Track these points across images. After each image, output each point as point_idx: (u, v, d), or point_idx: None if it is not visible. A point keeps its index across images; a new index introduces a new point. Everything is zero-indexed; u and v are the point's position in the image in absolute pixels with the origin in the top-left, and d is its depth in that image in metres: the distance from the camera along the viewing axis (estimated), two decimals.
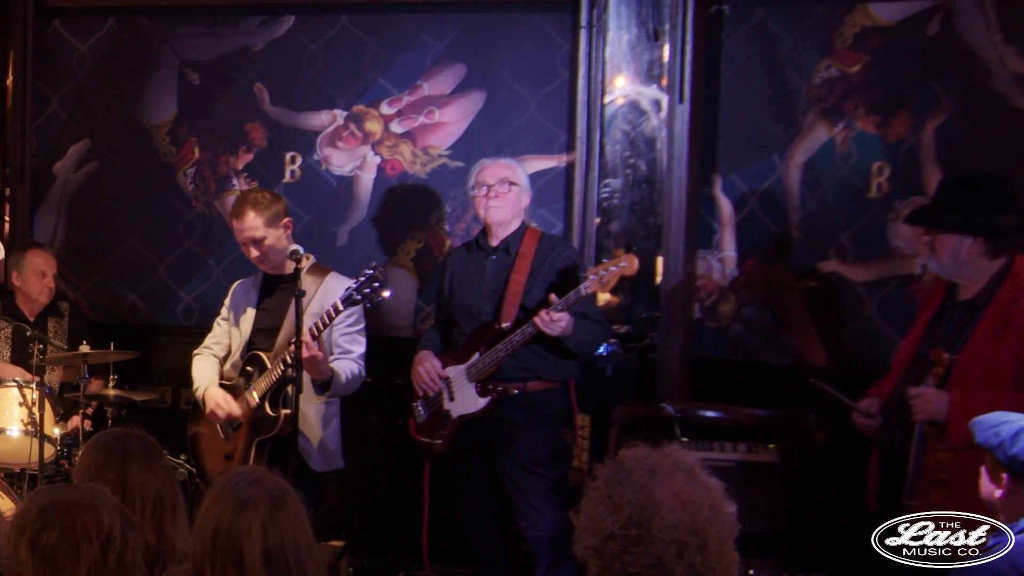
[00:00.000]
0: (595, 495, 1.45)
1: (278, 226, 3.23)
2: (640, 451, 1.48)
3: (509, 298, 3.20)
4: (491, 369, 3.18)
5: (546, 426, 3.26)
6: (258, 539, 1.73)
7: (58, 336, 3.97)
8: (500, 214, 3.21)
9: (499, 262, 3.24)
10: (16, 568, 1.72)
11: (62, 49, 4.08)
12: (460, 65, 3.84)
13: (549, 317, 3.03)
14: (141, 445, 2.21)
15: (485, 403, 3.21)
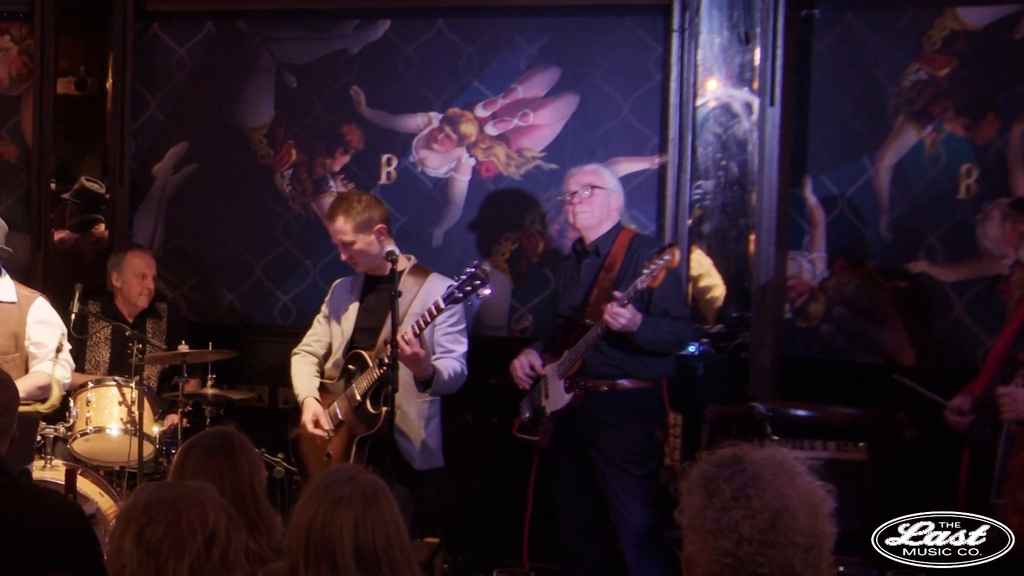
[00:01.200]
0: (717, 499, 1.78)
1: (369, 232, 4.10)
2: (758, 452, 1.83)
3: (596, 296, 4.12)
4: (576, 365, 4.10)
5: (636, 424, 4.13)
6: (350, 537, 2.12)
7: (156, 336, 4.99)
8: (586, 218, 4.15)
9: (591, 264, 4.20)
10: (120, 560, 2.10)
11: (161, 52, 5.24)
12: (554, 68, 4.92)
13: (611, 311, 3.86)
14: (232, 444, 2.79)
15: (570, 399, 4.11)
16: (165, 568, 2.07)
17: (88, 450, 4.70)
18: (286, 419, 4.48)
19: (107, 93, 5.24)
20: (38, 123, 5.25)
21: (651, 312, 4.02)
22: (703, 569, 1.84)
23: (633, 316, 3.93)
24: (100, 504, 4.61)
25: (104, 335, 5.04)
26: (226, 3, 5.23)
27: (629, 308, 3.90)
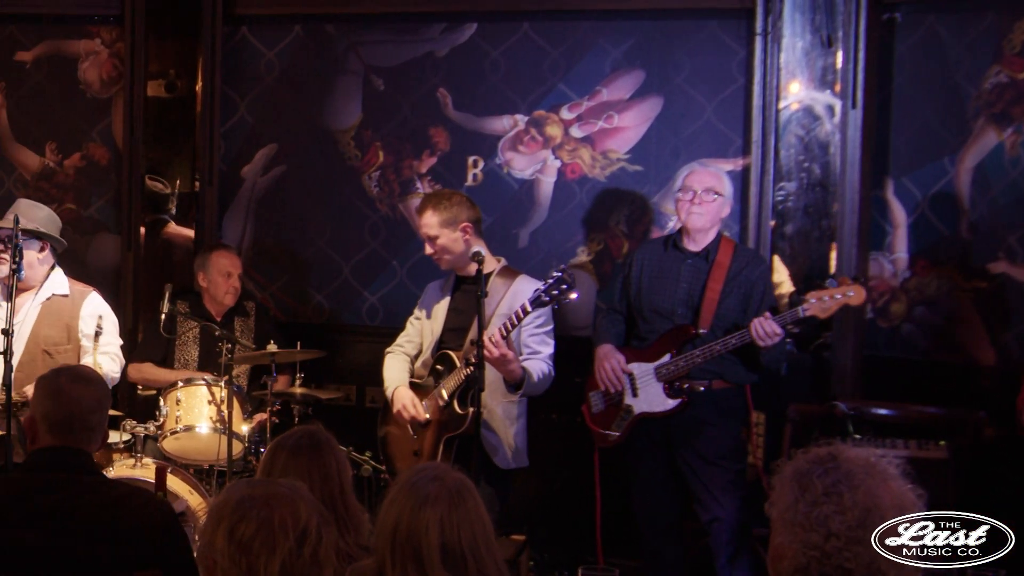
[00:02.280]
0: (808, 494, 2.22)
1: (454, 229, 5.25)
2: (852, 452, 2.28)
3: (706, 305, 5.12)
4: (683, 372, 5.06)
5: (726, 422, 5.17)
6: (436, 535, 2.59)
7: (244, 335, 6.23)
8: (701, 221, 5.18)
9: (695, 267, 5.19)
10: (212, 556, 2.56)
11: (250, 55, 6.60)
12: (638, 71, 6.19)
13: (769, 327, 4.85)
14: (318, 442, 3.52)
15: (674, 404, 5.11)
16: (257, 565, 2.53)
17: (178, 448, 5.83)
18: (374, 418, 5.74)
19: (197, 96, 6.60)
20: (128, 125, 6.59)
21: None
22: (790, 562, 2.23)
23: (781, 337, 4.96)
24: (190, 502, 5.64)
25: (193, 334, 6.29)
26: (314, 6, 6.55)
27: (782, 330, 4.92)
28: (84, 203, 6.69)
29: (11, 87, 6.74)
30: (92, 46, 6.69)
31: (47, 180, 6.72)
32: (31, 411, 3.74)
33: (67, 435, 3.60)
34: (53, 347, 5.52)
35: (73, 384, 3.66)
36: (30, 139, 6.75)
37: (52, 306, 5.53)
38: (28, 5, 6.71)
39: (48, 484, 3.56)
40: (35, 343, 5.51)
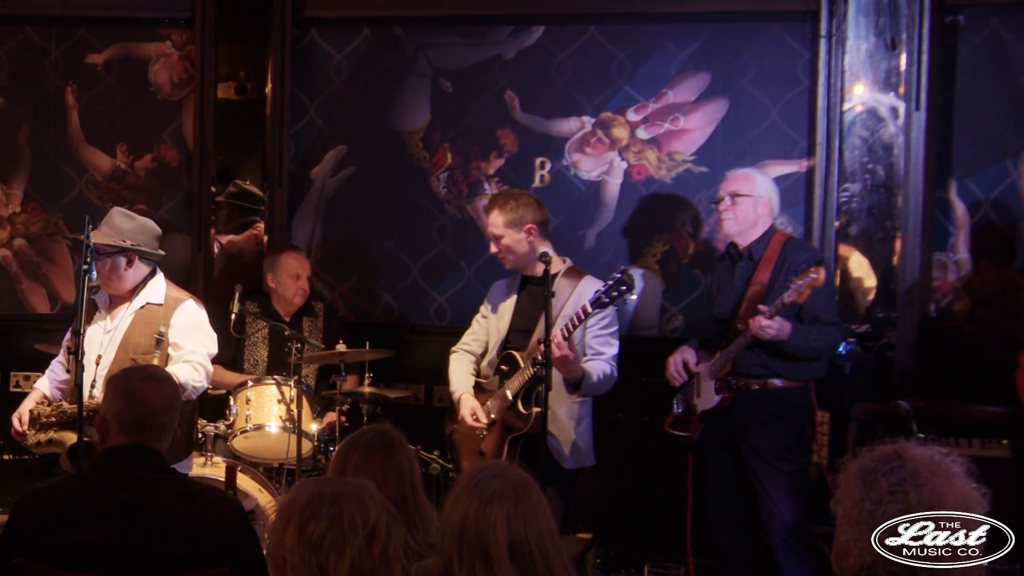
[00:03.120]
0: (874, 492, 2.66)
1: (519, 229, 6.34)
2: (918, 450, 2.69)
3: (748, 300, 6.12)
4: (726, 367, 6.08)
5: (786, 421, 6.11)
6: (503, 532, 3.07)
7: (313, 335, 7.45)
8: (730, 226, 6.23)
9: (744, 268, 6.23)
10: (281, 554, 3.01)
11: (319, 58, 7.89)
12: (704, 73, 7.41)
13: (756, 322, 5.80)
14: (389, 441, 4.13)
15: (719, 400, 6.11)
16: (326, 563, 2.95)
17: (248, 447, 6.89)
18: (442, 417, 6.84)
19: (266, 98, 7.89)
20: (199, 127, 7.85)
21: (802, 317, 6.00)
22: (855, 559, 2.57)
23: (781, 327, 5.89)
24: (259, 500, 6.67)
25: (262, 335, 7.50)
26: (383, 9, 7.82)
27: (776, 320, 5.84)
28: (155, 204, 7.96)
29: (82, 89, 8.01)
30: (163, 48, 7.97)
31: (118, 181, 7.99)
32: (102, 410, 4.32)
33: (137, 434, 4.16)
34: (141, 355, 6.34)
35: (144, 383, 4.25)
36: (101, 141, 8.02)
37: (145, 315, 6.42)
38: (99, 8, 7.99)
39: (119, 482, 4.08)
40: (124, 351, 6.37)
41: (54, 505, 4.15)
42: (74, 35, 7.94)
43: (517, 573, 3.22)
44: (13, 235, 7.96)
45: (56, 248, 7.96)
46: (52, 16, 7.92)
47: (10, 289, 7.99)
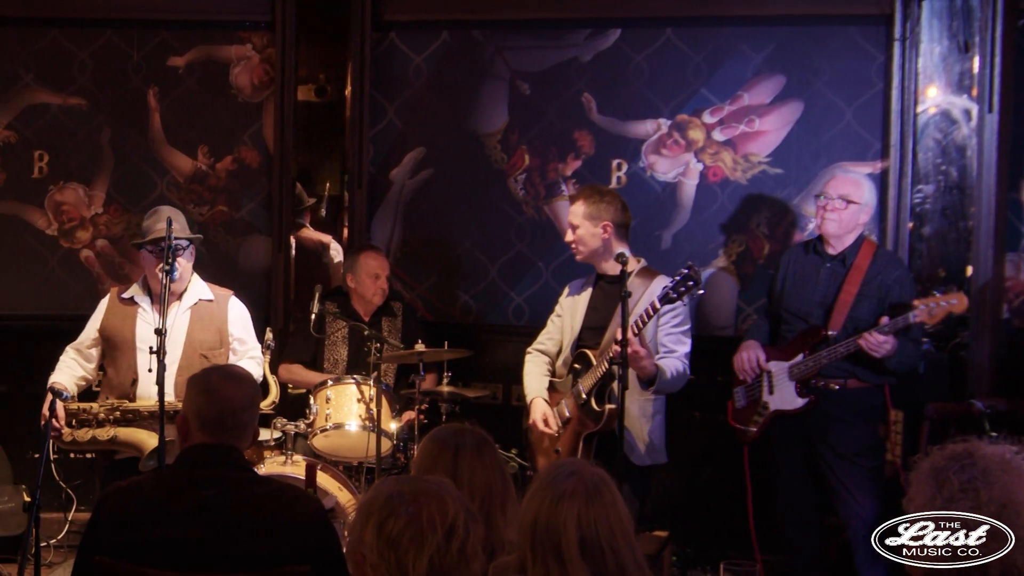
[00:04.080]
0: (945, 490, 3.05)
1: (595, 224, 7.38)
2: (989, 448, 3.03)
3: (839, 307, 7.12)
4: (812, 372, 7.07)
5: (863, 420, 7.17)
6: (573, 529, 3.63)
7: (391, 334, 8.78)
8: (831, 228, 7.26)
9: (832, 271, 7.25)
10: (360, 551, 3.53)
11: (398, 61, 9.37)
12: (779, 76, 8.80)
13: (875, 339, 6.77)
14: (474, 440, 4.77)
15: (803, 403, 7.13)
16: (405, 560, 3.44)
17: (327, 446, 8.00)
18: (519, 415, 8.07)
19: (346, 100, 9.38)
20: (279, 129, 9.33)
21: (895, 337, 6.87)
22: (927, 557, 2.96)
23: (893, 346, 6.83)
24: (339, 498, 7.66)
25: (342, 334, 8.77)
26: (461, 13, 9.27)
27: (890, 338, 6.80)
28: (235, 205, 9.43)
29: (164, 92, 9.47)
30: (243, 51, 9.43)
31: (199, 183, 9.46)
32: (183, 409, 4.89)
33: (219, 432, 4.73)
34: (209, 351, 7.68)
35: (225, 382, 4.84)
36: (183, 142, 9.49)
37: (201, 311, 7.74)
38: (181, 11, 9.46)
39: (200, 480, 4.63)
40: (191, 348, 7.66)
41: (136, 503, 4.67)
42: (156, 38, 9.37)
43: (588, 570, 3.71)
44: (95, 236, 9.42)
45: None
46: (134, 19, 9.35)
47: (92, 289, 9.36)
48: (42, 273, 9.47)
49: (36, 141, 9.40)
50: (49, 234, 9.43)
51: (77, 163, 9.46)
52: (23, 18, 9.41)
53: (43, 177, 9.43)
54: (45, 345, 9.25)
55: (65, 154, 9.46)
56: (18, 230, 9.46)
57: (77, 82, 9.39)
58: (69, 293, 9.48)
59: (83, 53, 9.37)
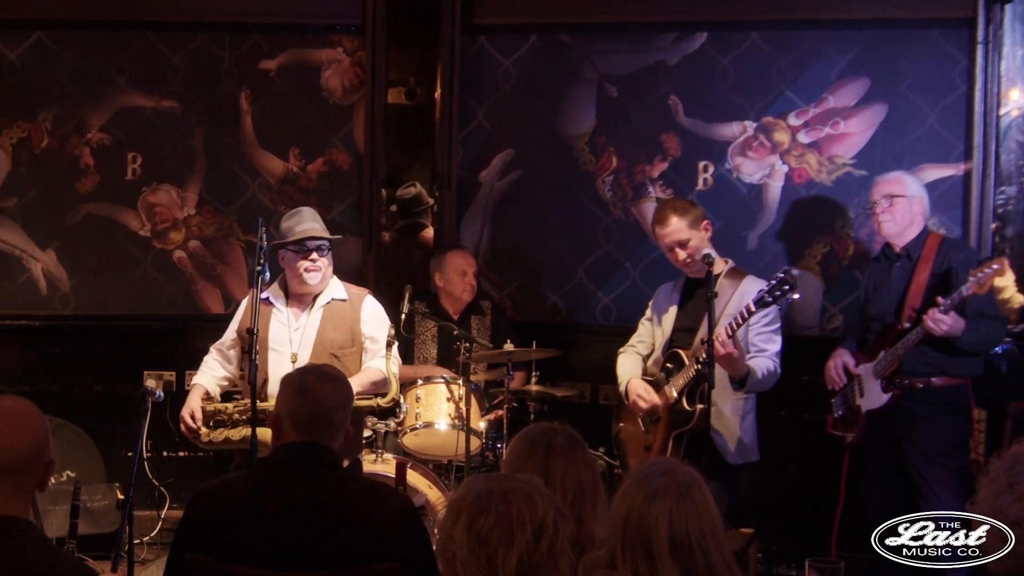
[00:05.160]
0: (994, 486, 3.58)
1: (699, 228, 8.62)
2: None
3: (909, 300, 8.23)
4: (893, 366, 8.18)
5: (948, 419, 8.19)
6: (664, 528, 4.22)
7: (481, 334, 10.34)
8: (889, 227, 8.47)
9: (902, 268, 8.42)
10: (450, 548, 4.11)
11: (487, 64, 11.08)
12: (863, 79, 10.41)
13: (933, 317, 7.75)
14: (565, 439, 5.52)
15: (888, 398, 8.20)
16: (495, 557, 3.99)
17: (417, 444, 9.27)
18: (607, 415, 9.53)
19: (436, 103, 11.03)
20: (369, 132, 11.01)
21: (966, 312, 7.86)
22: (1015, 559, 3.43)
23: (955, 322, 7.74)
24: (429, 496, 8.69)
25: (431, 333, 10.28)
26: (550, 16, 10.90)
27: (951, 314, 7.71)
28: (326, 207, 11.01)
29: (256, 94, 11.15)
30: (334, 55, 11.14)
31: (291, 184, 11.14)
32: (276, 408, 5.52)
33: (311, 431, 5.35)
34: (339, 350, 8.65)
35: (319, 382, 5.47)
36: (274, 145, 11.15)
37: (333, 310, 8.75)
38: (272, 15, 11.11)
39: (292, 478, 5.22)
40: (322, 347, 8.64)
41: (227, 501, 5.25)
42: (248, 41, 11.03)
43: (678, 568, 4.23)
44: (188, 237, 11.09)
45: (230, 249, 11.10)
46: (226, 23, 11.00)
47: (185, 290, 11.06)
48: (135, 274, 11.09)
49: (130, 143, 11.07)
50: (142, 235, 11.09)
51: (170, 165, 11.12)
52: (117, 21, 11.02)
53: (136, 179, 11.08)
54: (138, 345, 11.13)
55: (158, 156, 11.11)
56: (112, 231, 11.11)
57: (170, 85, 11.05)
58: (162, 294, 11.08)
59: (176, 56, 11.02)
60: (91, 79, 11.13)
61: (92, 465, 10.79)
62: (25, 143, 11.09)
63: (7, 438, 4.55)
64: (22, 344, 11.30)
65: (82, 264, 11.22)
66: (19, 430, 4.59)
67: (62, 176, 11.15)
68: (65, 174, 11.15)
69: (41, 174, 11.16)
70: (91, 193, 11.13)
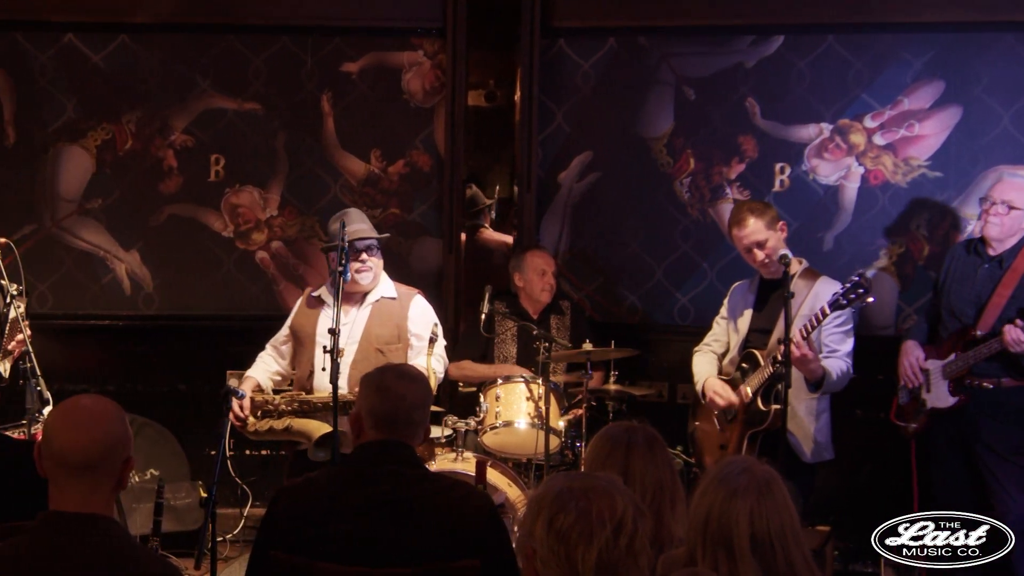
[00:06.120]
0: None
1: (776, 228, 9.64)
2: None
3: (991, 308, 9.18)
4: (963, 371, 9.21)
5: (1017, 418, 9.15)
6: (745, 525, 4.74)
7: (560, 333, 11.42)
8: (993, 231, 9.33)
9: (990, 271, 9.29)
10: (530, 545, 4.50)
11: (566, 66, 12.24)
12: (938, 81, 11.59)
13: (1015, 338, 8.70)
14: (645, 438, 6.15)
15: (954, 402, 9.29)
16: (574, 555, 4.37)
17: (497, 443, 10.19)
18: (684, 413, 10.62)
19: (515, 105, 12.28)
20: (450, 134, 12.19)
21: None
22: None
23: None
24: (508, 494, 9.61)
25: (511, 333, 11.28)
26: (628, 20, 12.06)
27: None
28: (407, 208, 12.29)
29: (337, 97, 12.31)
30: (415, 57, 12.32)
31: (372, 186, 12.33)
32: (357, 407, 6.00)
33: (391, 430, 5.82)
34: (385, 346, 9.63)
35: (398, 381, 5.94)
36: (356, 146, 12.32)
37: (381, 308, 9.76)
38: (354, 18, 12.27)
39: (373, 476, 5.67)
40: (368, 342, 9.64)
41: (310, 499, 5.72)
42: (329, 44, 12.19)
43: (758, 565, 4.66)
44: (270, 238, 12.28)
45: (312, 250, 12.19)
46: (308, 26, 12.12)
47: (267, 290, 12.22)
48: (218, 274, 12.32)
49: (213, 145, 12.29)
50: (225, 236, 12.31)
51: (252, 167, 12.30)
52: (200, 24, 12.22)
53: (219, 180, 12.30)
54: (221, 345, 12.27)
55: (241, 158, 12.30)
56: (195, 232, 12.31)
57: (252, 87, 12.23)
58: (244, 294, 12.28)
59: (258, 59, 12.21)
60: (174, 82, 12.28)
61: (176, 464, 11.90)
62: (109, 145, 12.26)
63: (82, 437, 4.97)
64: (106, 344, 12.50)
65: (165, 264, 12.39)
66: (92, 429, 4.99)
67: (146, 178, 12.30)
68: (149, 176, 12.30)
69: (125, 176, 12.31)
70: (174, 194, 12.29)
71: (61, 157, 12.46)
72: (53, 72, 12.42)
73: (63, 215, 12.47)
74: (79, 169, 12.49)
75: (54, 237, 12.49)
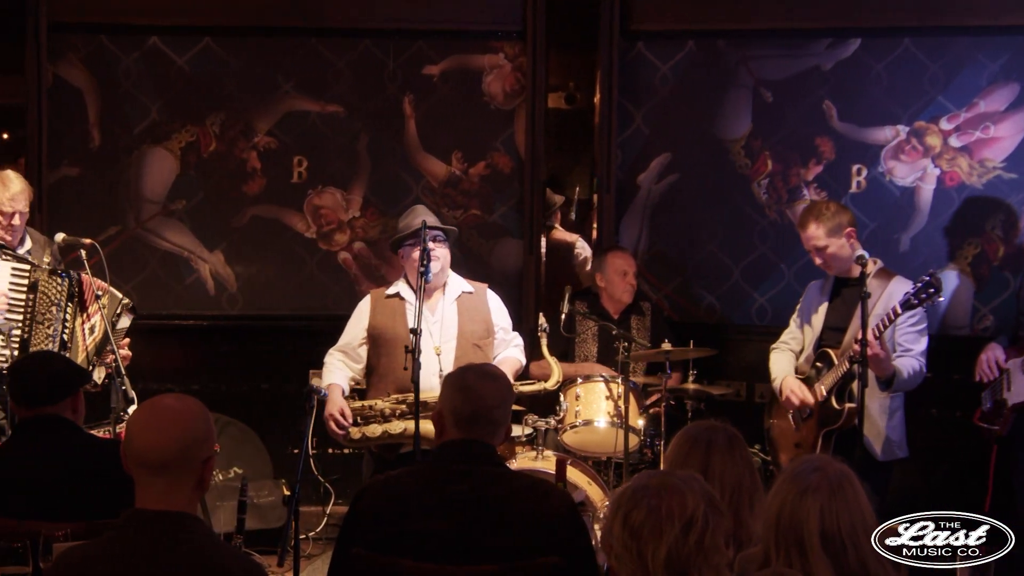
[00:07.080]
0: None
1: (840, 235, 10.59)
2: None
3: None
4: None
5: None
6: (816, 523, 5.31)
7: (640, 334, 12.81)
8: None
9: None
10: (609, 541, 5.09)
11: (645, 69, 13.74)
12: (1014, 84, 12.99)
13: None
14: (725, 438, 6.78)
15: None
16: (645, 551, 4.85)
17: (577, 442, 11.08)
18: (762, 412, 11.48)
19: (595, 107, 13.57)
20: (530, 135, 13.55)
21: None
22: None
23: None
24: (588, 492, 10.33)
25: (591, 332, 12.44)
26: (707, 23, 13.40)
27: None
28: (488, 209, 13.62)
29: (419, 99, 13.69)
30: (496, 60, 13.70)
31: (453, 187, 13.68)
32: (439, 406, 6.50)
33: (472, 429, 6.31)
34: (479, 340, 10.39)
35: (480, 381, 6.45)
36: (437, 148, 13.67)
37: (466, 303, 10.45)
38: (436, 22, 13.60)
39: (455, 475, 6.15)
40: (464, 339, 10.34)
41: (392, 497, 6.15)
42: (411, 47, 13.55)
43: (830, 562, 5.13)
44: (353, 239, 13.61)
45: None
46: (390, 29, 13.45)
47: (350, 290, 13.38)
48: (301, 275, 13.59)
49: (296, 147, 13.60)
50: (308, 237, 13.57)
51: (335, 168, 13.58)
52: (283, 28, 13.56)
53: (302, 182, 13.62)
54: (304, 345, 13.35)
55: (323, 159, 13.58)
56: (278, 233, 13.59)
57: (335, 90, 13.56)
58: (327, 294, 13.54)
59: (341, 62, 13.54)
60: (257, 84, 13.60)
61: (259, 462, 13.04)
62: (193, 147, 13.59)
63: (159, 437, 5.35)
64: (190, 343, 13.80)
65: (249, 265, 13.71)
66: (170, 429, 5.37)
67: (229, 179, 13.62)
68: (232, 177, 13.61)
69: (209, 177, 13.62)
70: (257, 196, 13.64)
71: (145, 159, 13.81)
72: (137, 75, 13.74)
73: (147, 216, 13.79)
74: (163, 171, 13.84)
75: (138, 238, 13.77)
